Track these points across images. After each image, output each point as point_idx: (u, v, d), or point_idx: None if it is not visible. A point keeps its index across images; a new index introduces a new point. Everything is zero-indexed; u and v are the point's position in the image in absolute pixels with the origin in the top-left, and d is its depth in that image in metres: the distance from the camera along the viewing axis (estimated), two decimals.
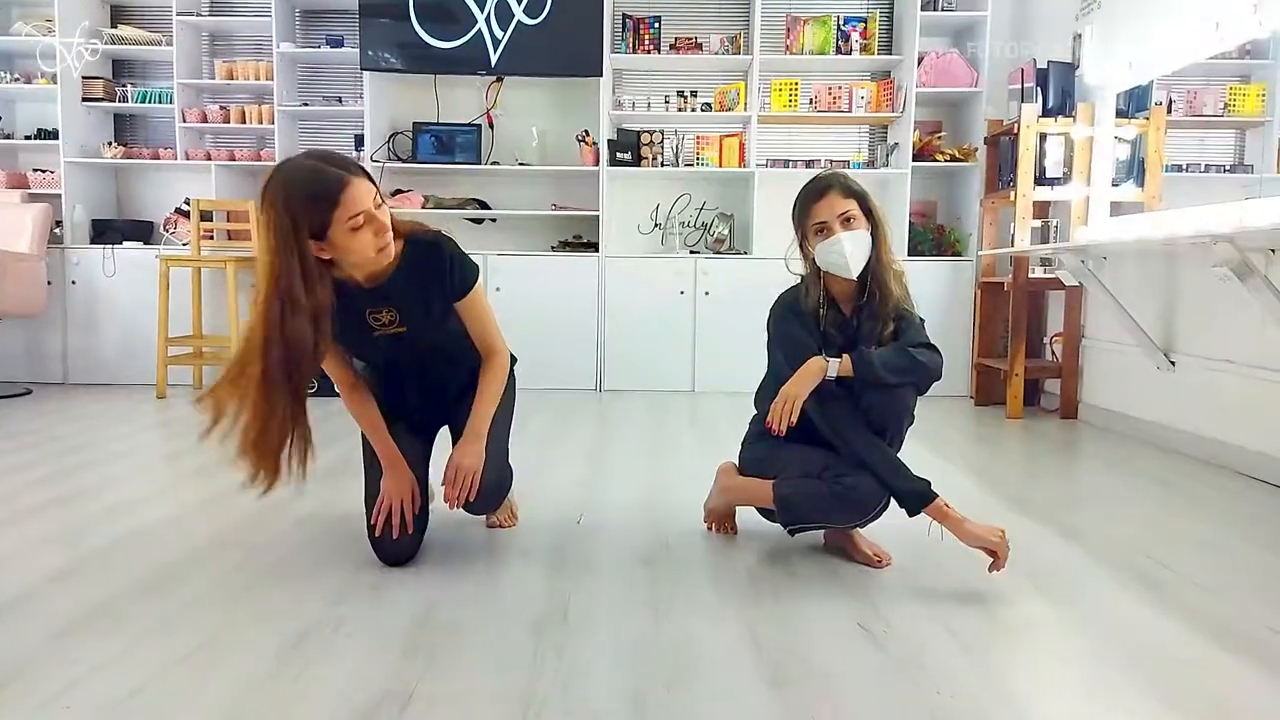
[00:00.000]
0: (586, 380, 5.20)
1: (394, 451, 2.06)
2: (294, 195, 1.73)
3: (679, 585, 1.96)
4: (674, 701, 1.42)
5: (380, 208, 1.82)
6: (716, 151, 5.25)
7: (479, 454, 2.00)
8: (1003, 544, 1.91)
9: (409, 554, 2.06)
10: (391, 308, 1.98)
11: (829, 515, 2.02)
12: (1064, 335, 4.43)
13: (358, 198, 1.75)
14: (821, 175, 2.13)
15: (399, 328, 2.01)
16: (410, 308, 1.99)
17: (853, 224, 2.05)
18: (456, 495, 1.98)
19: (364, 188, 1.77)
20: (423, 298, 1.99)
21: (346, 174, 1.76)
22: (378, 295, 1.96)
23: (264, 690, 1.43)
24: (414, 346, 2.07)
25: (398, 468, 2.05)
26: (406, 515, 2.02)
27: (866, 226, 2.07)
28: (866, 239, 2.06)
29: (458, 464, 1.98)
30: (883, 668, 1.55)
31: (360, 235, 1.77)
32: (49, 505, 2.57)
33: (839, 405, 2.03)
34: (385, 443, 2.07)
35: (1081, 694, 1.49)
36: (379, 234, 1.81)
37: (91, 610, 1.76)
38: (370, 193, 1.79)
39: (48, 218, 5.00)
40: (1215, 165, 4.60)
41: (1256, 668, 1.57)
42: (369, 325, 2.00)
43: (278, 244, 1.73)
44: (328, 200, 1.73)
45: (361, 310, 1.97)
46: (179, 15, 5.16)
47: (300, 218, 1.72)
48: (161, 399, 4.70)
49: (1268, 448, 3.06)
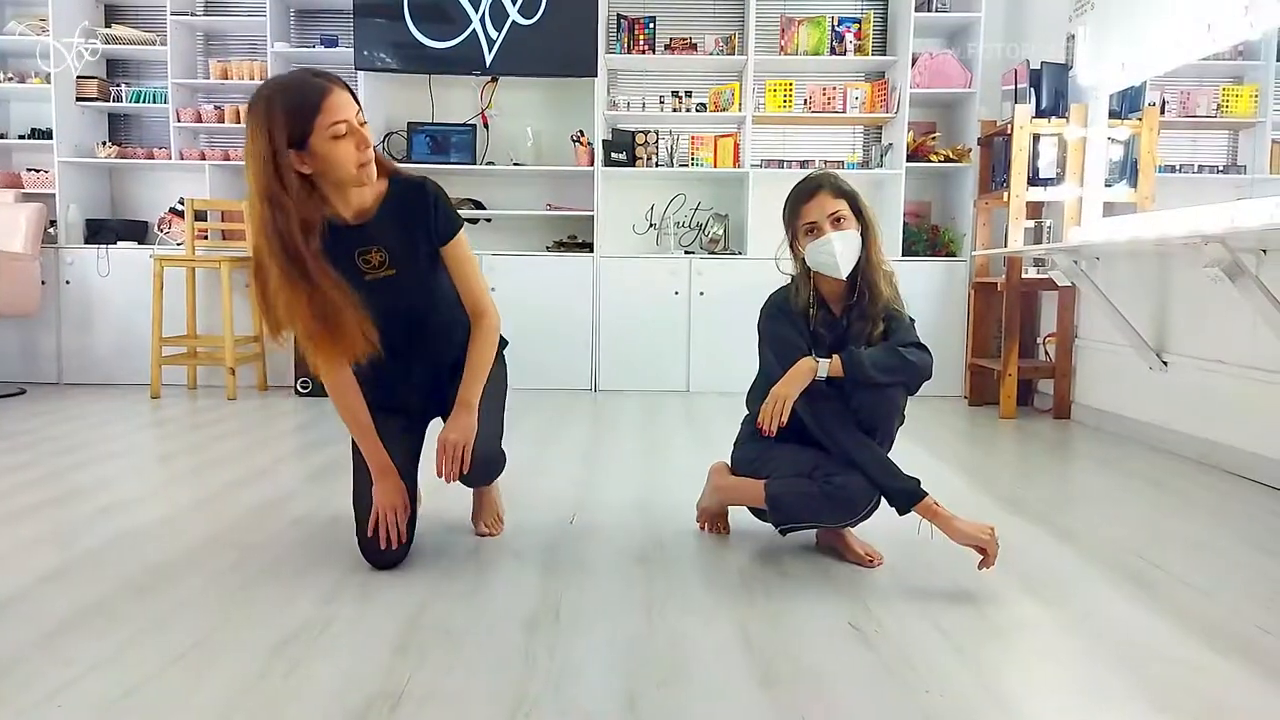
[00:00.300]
0: (581, 380, 5.20)
1: (384, 460, 2.04)
2: (276, 102, 1.75)
3: (672, 585, 1.97)
4: (666, 701, 1.42)
5: (363, 126, 1.83)
6: (711, 152, 5.26)
7: (469, 426, 1.97)
8: (992, 541, 1.92)
9: (398, 559, 2.05)
10: (380, 248, 1.97)
11: (819, 515, 2.03)
12: (1057, 335, 4.45)
13: (340, 105, 1.77)
14: (812, 175, 2.14)
15: (388, 269, 1.99)
16: (397, 248, 1.99)
17: (843, 224, 2.05)
18: (448, 470, 1.95)
19: (346, 98, 1.80)
20: (408, 238, 1.99)
21: (329, 83, 1.79)
22: (364, 234, 1.95)
23: (256, 690, 1.43)
24: (406, 296, 2.03)
25: (388, 478, 2.03)
26: (400, 527, 2.02)
27: (856, 227, 2.08)
28: (856, 239, 2.07)
29: (447, 437, 1.96)
30: (874, 667, 1.56)
31: (342, 145, 1.79)
32: (43, 505, 2.57)
33: (829, 405, 2.03)
34: (376, 449, 2.04)
35: (1072, 694, 1.50)
36: (360, 148, 1.81)
37: (85, 610, 1.76)
38: (352, 104, 1.81)
39: (42, 217, 5.00)
40: (1208, 166, 4.61)
41: (1247, 668, 1.58)
42: (359, 269, 1.97)
43: (261, 150, 1.75)
44: (310, 106, 1.75)
45: (351, 251, 1.95)
46: (174, 15, 5.16)
47: (283, 124, 1.74)
48: (156, 399, 4.70)
49: (1259, 448, 3.07)
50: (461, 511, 2.41)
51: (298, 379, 4.85)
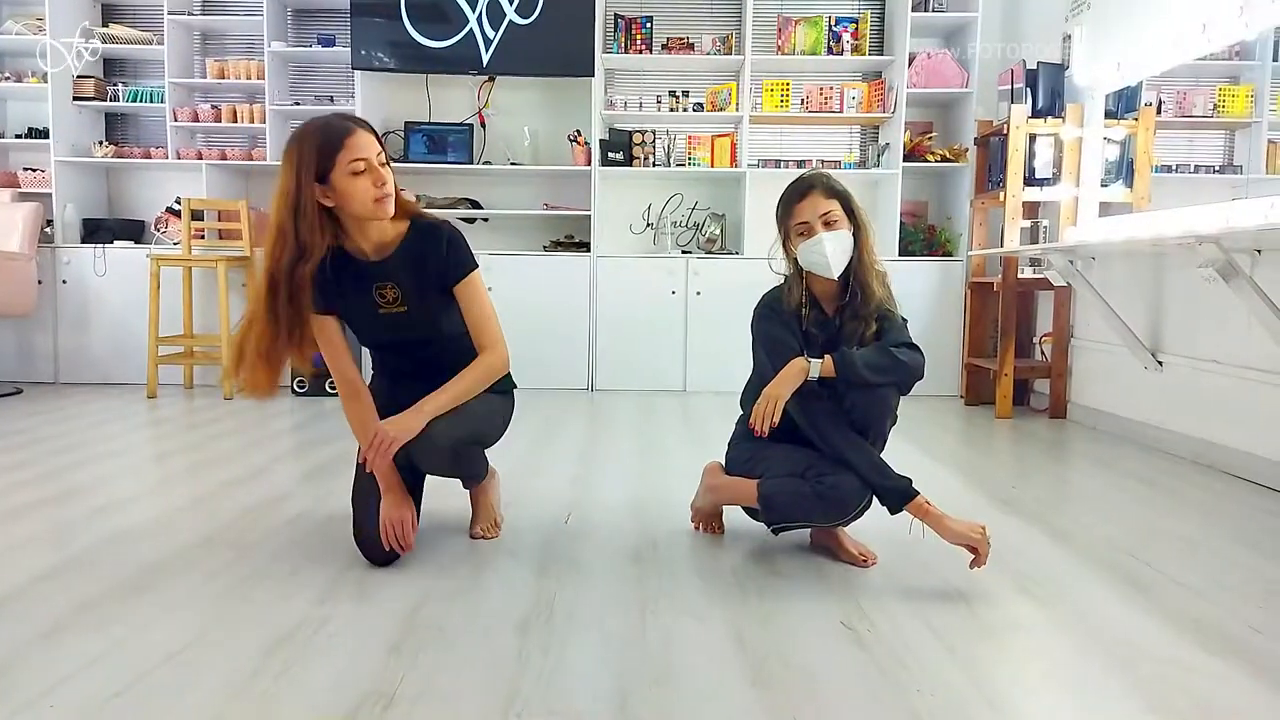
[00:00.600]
0: (578, 380, 5.21)
1: (394, 476, 2.07)
2: (307, 142, 1.92)
3: (665, 584, 1.97)
4: (657, 700, 1.43)
5: (384, 165, 1.96)
6: (708, 152, 5.26)
7: (408, 427, 1.97)
8: (983, 541, 1.93)
9: (395, 556, 2.06)
10: (395, 285, 2.08)
11: (811, 514, 2.03)
12: (1053, 335, 4.45)
13: (360, 145, 1.93)
14: (804, 175, 2.14)
15: (400, 306, 2.10)
16: (410, 286, 2.08)
17: (835, 225, 2.06)
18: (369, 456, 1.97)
19: (367, 139, 1.94)
20: (421, 277, 2.08)
21: (354, 125, 1.94)
22: (382, 270, 2.07)
23: (249, 689, 1.44)
24: (415, 330, 2.12)
25: (395, 492, 2.06)
26: (407, 538, 2.04)
27: (849, 227, 2.08)
28: (848, 239, 2.07)
29: (380, 426, 1.98)
30: (865, 666, 1.56)
31: (359, 181, 1.92)
32: (39, 505, 2.57)
33: (821, 405, 2.04)
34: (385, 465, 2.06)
35: (1063, 693, 1.50)
36: (378, 184, 1.94)
37: (79, 609, 1.77)
38: (373, 145, 1.95)
39: (38, 217, 4.99)
40: (1205, 166, 4.62)
41: (1239, 668, 1.58)
42: (375, 303, 2.09)
43: (287, 186, 1.92)
44: (333, 145, 1.91)
45: (368, 287, 2.08)
46: (170, 14, 5.16)
47: (310, 162, 1.90)
48: (152, 398, 4.69)
49: (1253, 447, 3.08)
50: (458, 512, 2.41)
51: (294, 379, 4.85)
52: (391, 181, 1.98)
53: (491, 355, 2.11)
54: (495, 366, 2.11)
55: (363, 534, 2.07)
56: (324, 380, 4.82)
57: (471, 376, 2.08)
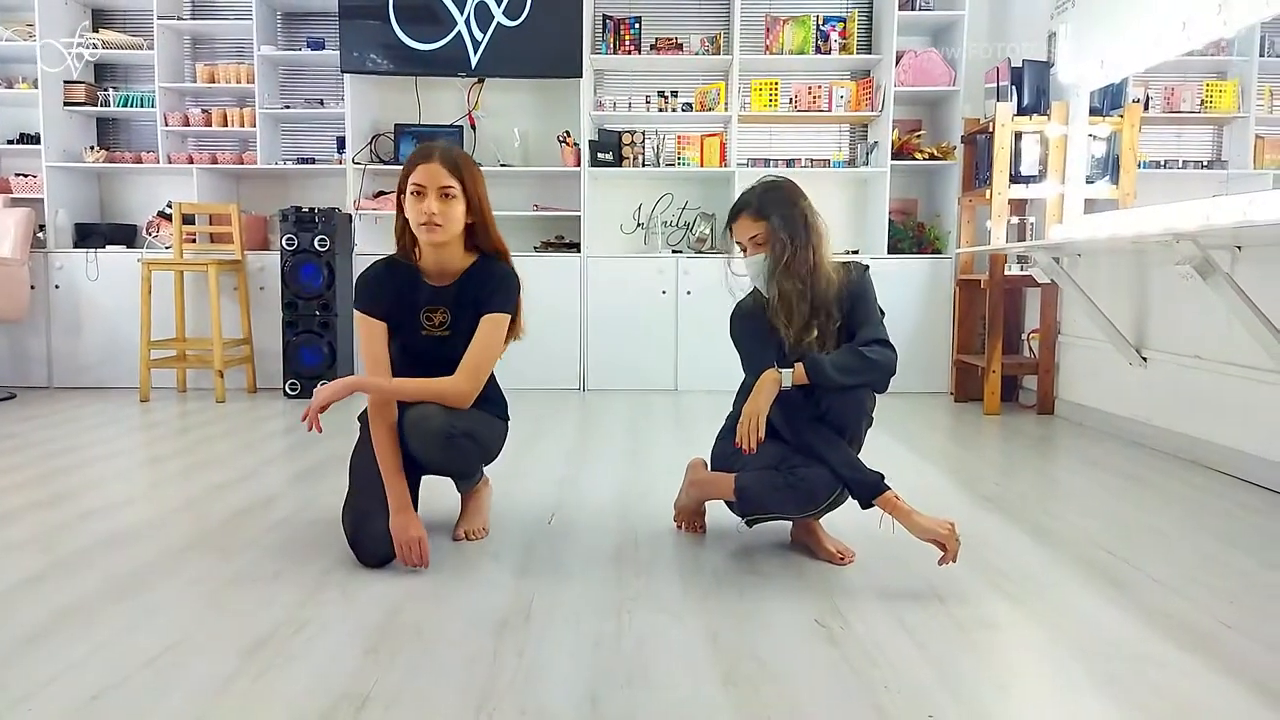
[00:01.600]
0: (570, 380, 5.23)
1: (406, 499, 2.11)
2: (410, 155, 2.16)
3: (644, 585, 1.99)
4: (627, 701, 1.45)
5: (449, 199, 2.10)
6: (697, 151, 5.28)
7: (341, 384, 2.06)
8: (951, 537, 1.95)
9: (389, 558, 2.09)
10: (445, 309, 2.22)
11: (783, 505, 2.06)
12: (1041, 332, 4.47)
13: (425, 172, 2.10)
14: (743, 194, 2.19)
15: (445, 331, 2.22)
16: (459, 315, 2.21)
17: (761, 247, 2.12)
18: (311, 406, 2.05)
19: (437, 170, 2.10)
20: (471, 308, 2.20)
21: (434, 155, 2.12)
22: (440, 295, 2.22)
23: (225, 692, 1.46)
24: (449, 355, 2.18)
25: (407, 511, 2.10)
26: (423, 555, 2.07)
27: (774, 245, 2.10)
28: (764, 261, 2.12)
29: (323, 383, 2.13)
30: (836, 664, 1.58)
31: (415, 202, 2.10)
32: (30, 509, 2.59)
33: (799, 411, 2.07)
34: (400, 489, 2.11)
35: (1030, 689, 1.53)
36: (426, 211, 2.08)
37: (62, 613, 1.79)
38: (442, 177, 2.10)
39: (30, 222, 5.01)
40: (1193, 161, 4.64)
41: (1209, 663, 1.60)
42: (420, 324, 2.22)
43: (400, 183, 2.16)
44: (409, 165, 2.13)
45: (420, 305, 2.22)
46: (160, 19, 5.17)
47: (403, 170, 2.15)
48: (145, 402, 4.71)
49: (1237, 443, 3.10)
50: (445, 514, 2.44)
51: (286, 381, 4.88)
52: (450, 215, 2.11)
53: (459, 381, 2.14)
54: (454, 394, 2.14)
55: (362, 533, 2.10)
56: (315, 384, 4.84)
57: (430, 386, 2.13)
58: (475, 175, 2.16)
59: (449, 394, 2.13)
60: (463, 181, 2.12)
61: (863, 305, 2.12)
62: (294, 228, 4.84)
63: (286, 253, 4.85)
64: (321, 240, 4.83)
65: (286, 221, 4.86)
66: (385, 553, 2.07)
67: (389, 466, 2.11)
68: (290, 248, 4.84)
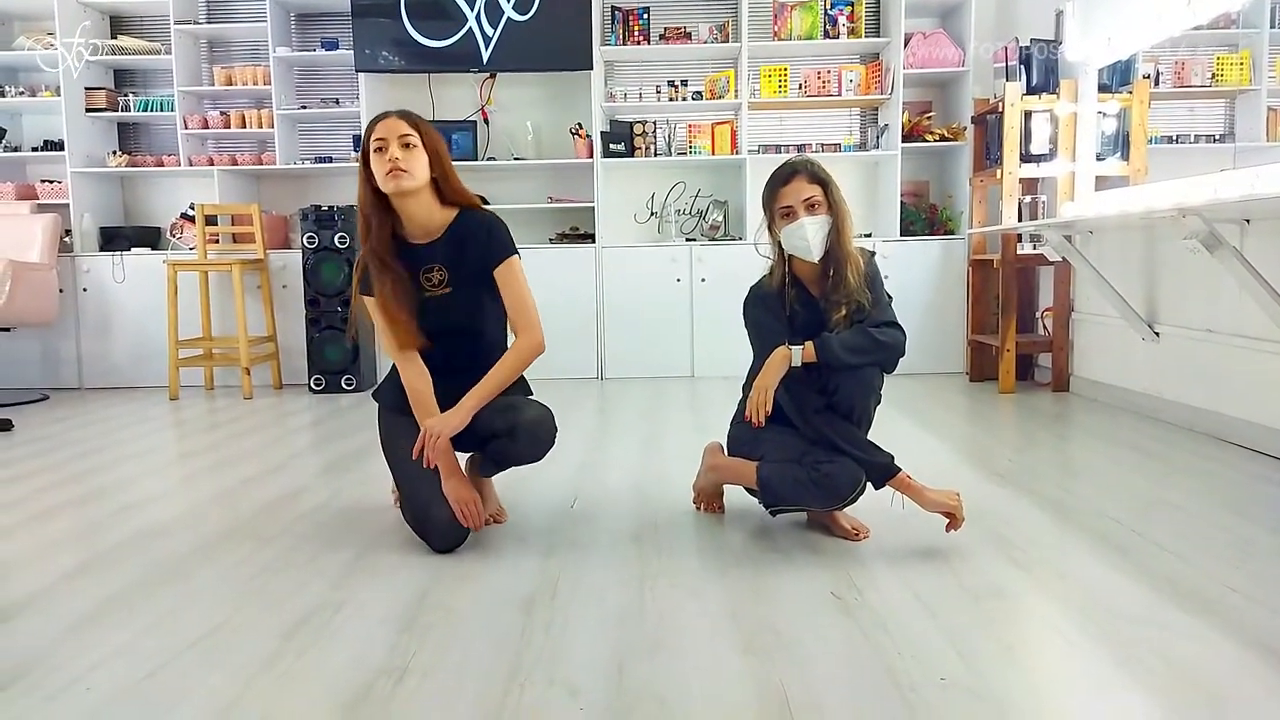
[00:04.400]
0: (588, 369, 5.30)
1: (453, 461, 2.18)
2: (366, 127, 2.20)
3: (665, 563, 2.06)
4: (651, 671, 1.51)
5: (410, 149, 2.13)
6: (709, 139, 5.32)
7: (451, 423, 2.12)
8: (959, 506, 2.04)
9: (461, 539, 2.17)
10: (441, 267, 2.24)
11: (807, 499, 2.12)
12: (1054, 310, 4.50)
13: (387, 127, 2.14)
14: (789, 161, 2.22)
15: (445, 288, 2.25)
16: (454, 268, 2.25)
17: (816, 210, 2.13)
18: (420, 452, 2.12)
19: (394, 123, 2.14)
20: (464, 259, 2.25)
21: (391, 114, 2.16)
22: (430, 253, 2.24)
23: (270, 669, 1.53)
24: (460, 315, 2.26)
25: (458, 475, 2.18)
26: (480, 514, 2.16)
27: (829, 213, 2.15)
28: (828, 224, 2.15)
29: (427, 425, 2.13)
30: (850, 633, 1.64)
31: (378, 158, 2.13)
32: (66, 506, 2.69)
33: (806, 391, 2.13)
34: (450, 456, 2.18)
35: (1037, 651, 1.59)
36: (394, 158, 2.10)
37: (107, 602, 1.87)
38: (400, 129, 2.13)
39: (57, 227, 5.12)
40: (1205, 135, 4.63)
41: (1212, 626, 1.65)
42: (422, 286, 2.25)
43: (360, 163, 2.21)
44: (368, 131, 2.17)
45: (417, 269, 2.24)
46: (177, 24, 5.26)
47: (362, 148, 2.19)
48: (174, 400, 4.82)
49: (1247, 414, 3.13)
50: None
51: (311, 376, 4.97)
52: (415, 163, 2.13)
53: (527, 338, 2.23)
54: (528, 348, 2.23)
55: (429, 523, 2.15)
56: (340, 378, 4.94)
57: (509, 363, 2.21)
58: (431, 130, 2.20)
59: (526, 356, 2.23)
60: (420, 130, 2.16)
61: (873, 289, 2.18)
62: (314, 226, 4.93)
63: (308, 251, 4.94)
64: (341, 237, 4.91)
65: (307, 220, 4.95)
66: (456, 535, 2.15)
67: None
68: (311, 246, 4.93)
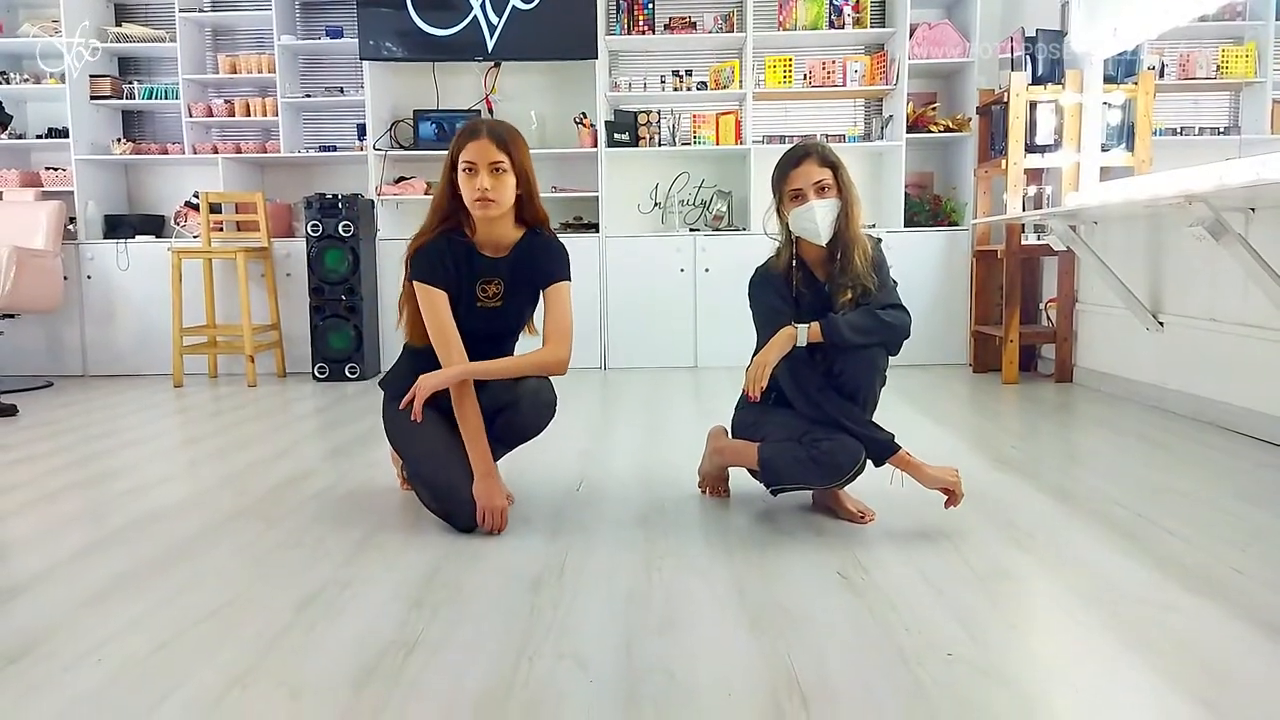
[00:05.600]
0: (591, 359, 5.30)
1: (489, 464, 2.19)
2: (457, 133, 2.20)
3: (671, 544, 2.07)
4: (660, 647, 1.52)
5: (499, 174, 2.14)
6: (713, 129, 5.32)
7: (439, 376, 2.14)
8: (957, 483, 2.07)
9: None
10: (499, 281, 2.28)
11: (808, 477, 2.13)
12: (1058, 300, 4.50)
13: (476, 150, 2.14)
14: (801, 144, 2.23)
15: (498, 302, 2.29)
16: (513, 285, 2.29)
17: (826, 193, 2.14)
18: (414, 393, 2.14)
19: (486, 146, 2.13)
20: (524, 279, 2.29)
21: (483, 131, 2.16)
22: (494, 267, 2.27)
23: (281, 642, 1.54)
24: (503, 326, 2.33)
25: (492, 477, 2.19)
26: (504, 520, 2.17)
27: (839, 196, 2.16)
28: (838, 207, 2.15)
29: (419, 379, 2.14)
30: (857, 611, 1.65)
31: (467, 180, 2.15)
32: (75, 488, 2.70)
33: (806, 370, 2.14)
34: (484, 454, 2.19)
35: (1043, 629, 1.60)
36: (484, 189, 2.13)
37: (119, 578, 1.88)
38: (491, 154, 2.13)
39: (61, 215, 5.13)
40: (1210, 128, 4.64)
41: (1218, 606, 1.66)
42: (476, 296, 2.27)
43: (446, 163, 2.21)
44: (458, 143, 2.18)
45: (476, 278, 2.26)
46: (181, 12, 5.26)
47: (452, 148, 2.19)
48: (179, 387, 4.83)
49: (1252, 403, 3.14)
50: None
51: (315, 364, 4.98)
52: (503, 190, 2.15)
53: (554, 351, 2.22)
54: (554, 362, 2.23)
55: (453, 503, 2.17)
56: (344, 366, 4.95)
57: (527, 359, 2.23)
58: (522, 147, 2.21)
59: (550, 363, 2.23)
60: (510, 155, 2.16)
61: (879, 273, 2.19)
62: (318, 214, 4.93)
63: (311, 239, 4.94)
64: (346, 226, 4.92)
65: (311, 208, 4.95)
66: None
67: (475, 437, 2.19)
68: (315, 234, 4.94)
